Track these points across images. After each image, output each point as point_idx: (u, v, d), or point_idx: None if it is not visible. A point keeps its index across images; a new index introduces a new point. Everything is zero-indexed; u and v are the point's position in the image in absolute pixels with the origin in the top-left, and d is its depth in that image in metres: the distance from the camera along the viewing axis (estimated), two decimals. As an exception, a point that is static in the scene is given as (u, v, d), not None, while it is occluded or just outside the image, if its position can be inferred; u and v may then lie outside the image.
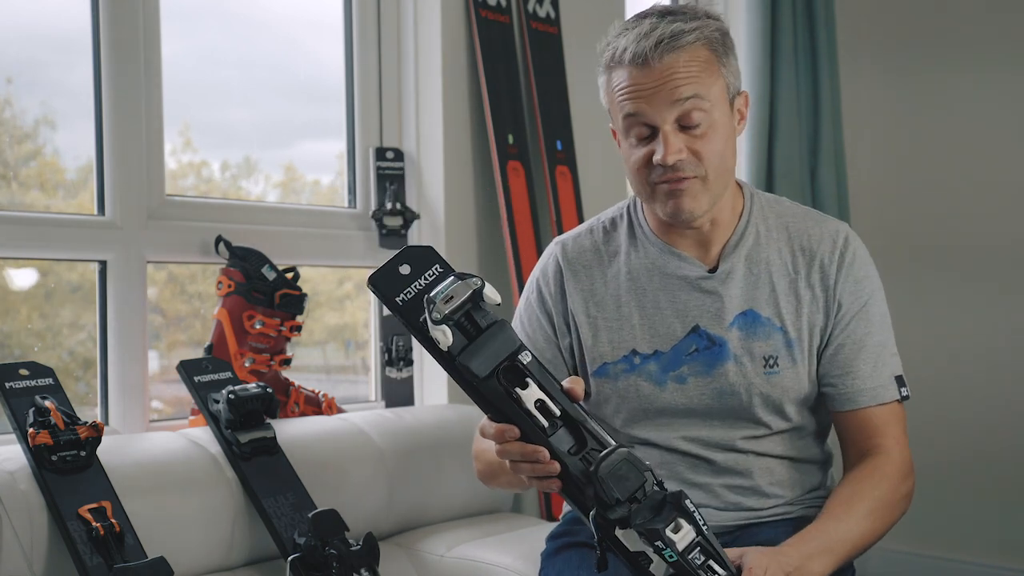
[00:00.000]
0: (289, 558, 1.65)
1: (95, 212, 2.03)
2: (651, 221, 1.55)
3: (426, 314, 1.16)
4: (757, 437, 1.51)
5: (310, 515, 1.67)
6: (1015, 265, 3.24)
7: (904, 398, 1.51)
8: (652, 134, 1.42)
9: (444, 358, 1.18)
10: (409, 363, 2.40)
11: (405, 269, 1.21)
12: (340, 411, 2.20)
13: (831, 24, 3.23)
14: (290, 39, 2.47)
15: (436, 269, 1.21)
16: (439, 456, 2.07)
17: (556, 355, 1.57)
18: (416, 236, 2.43)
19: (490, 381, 1.18)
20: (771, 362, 1.48)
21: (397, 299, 1.19)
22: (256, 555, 1.80)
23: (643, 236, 1.55)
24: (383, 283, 1.20)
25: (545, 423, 1.18)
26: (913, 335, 3.35)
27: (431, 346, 1.17)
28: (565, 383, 1.21)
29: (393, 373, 2.39)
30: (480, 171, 2.49)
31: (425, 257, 1.22)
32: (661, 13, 1.42)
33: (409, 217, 2.39)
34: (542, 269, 1.61)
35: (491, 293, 1.18)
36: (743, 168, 3.02)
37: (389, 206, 2.39)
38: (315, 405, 2.15)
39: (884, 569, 3.43)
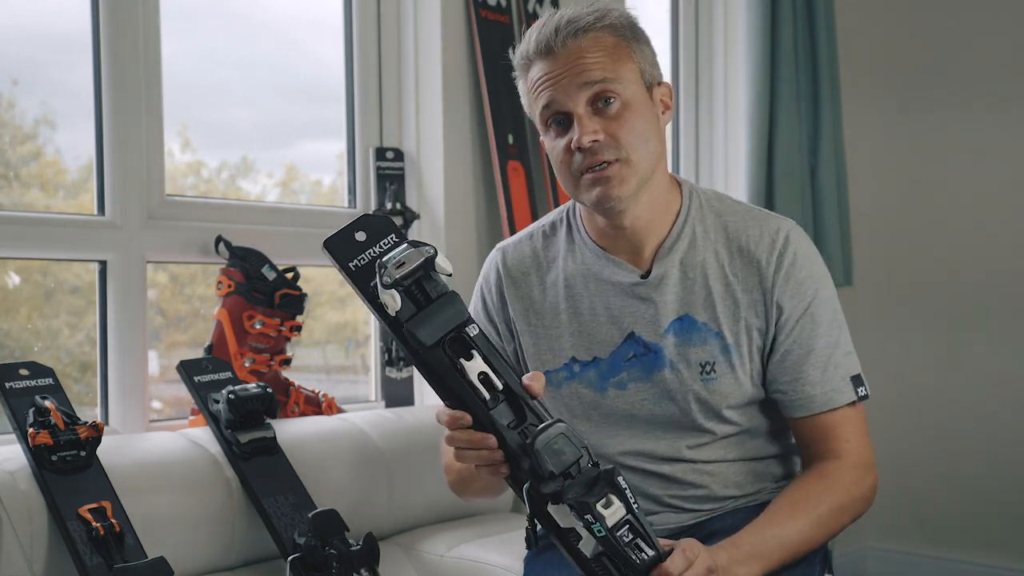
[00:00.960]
0: (289, 558, 1.65)
1: (95, 212, 2.03)
2: (588, 225, 1.53)
3: (377, 279, 1.16)
4: (702, 445, 1.48)
5: (310, 515, 1.67)
6: (1016, 262, 3.24)
7: (862, 398, 1.46)
8: (569, 122, 1.42)
9: (392, 324, 1.19)
10: (409, 363, 2.39)
11: (361, 236, 1.22)
12: (340, 411, 2.20)
13: (831, 23, 3.23)
14: (290, 39, 2.47)
15: (392, 238, 1.22)
16: (439, 456, 2.06)
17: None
18: (416, 236, 2.43)
19: (435, 350, 1.18)
20: (707, 368, 1.45)
21: (351, 264, 1.20)
22: (256, 555, 1.80)
23: (580, 241, 1.54)
24: (337, 248, 1.21)
25: (487, 395, 1.19)
26: (913, 334, 3.36)
27: (380, 311, 1.18)
28: (525, 378, 1.21)
29: (393, 373, 2.39)
30: (480, 171, 2.49)
31: (381, 226, 1.23)
32: (563, 13, 1.45)
33: (409, 217, 2.39)
34: (484, 277, 1.61)
35: (443, 262, 1.19)
36: (743, 168, 3.02)
37: (389, 206, 2.39)
38: (315, 405, 2.15)
39: (884, 569, 3.43)
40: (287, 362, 2.09)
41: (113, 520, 1.54)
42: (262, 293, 2.02)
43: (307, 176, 2.53)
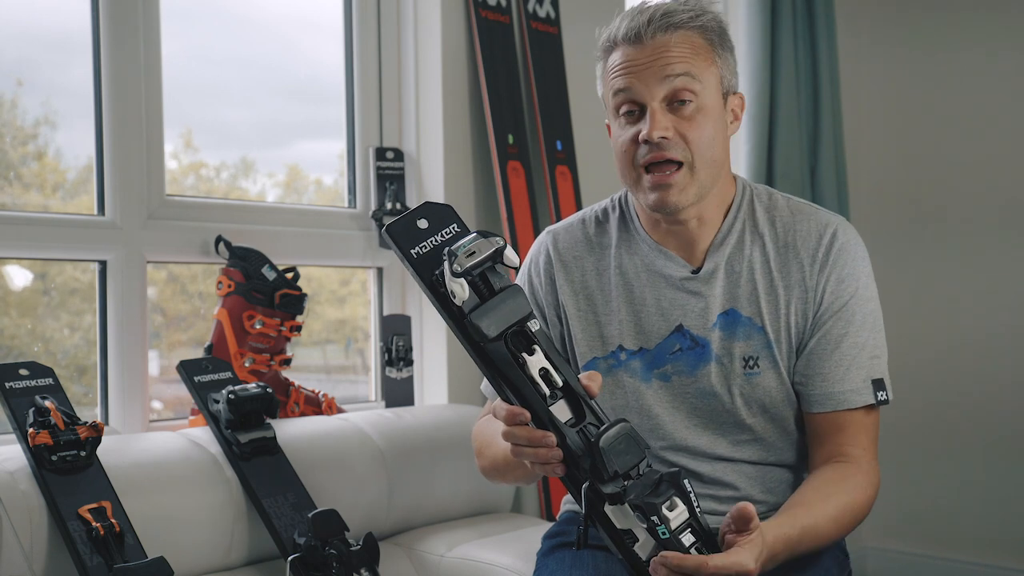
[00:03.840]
0: (289, 558, 1.65)
1: (95, 212, 2.03)
2: (642, 216, 1.54)
3: (445, 266, 1.15)
4: (741, 442, 1.49)
5: (310, 515, 1.67)
6: (1016, 263, 3.24)
7: (881, 402, 1.46)
8: (641, 114, 1.42)
9: (454, 315, 1.17)
10: (409, 363, 2.40)
11: (423, 223, 1.21)
12: (340, 411, 2.20)
13: (831, 23, 3.23)
14: (290, 39, 2.47)
15: (454, 228, 1.22)
16: (439, 456, 2.07)
17: None
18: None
19: (497, 343, 1.17)
20: (751, 363, 1.46)
21: (412, 251, 1.19)
22: (256, 555, 1.80)
23: (634, 230, 1.54)
24: (400, 234, 1.20)
25: (547, 391, 1.18)
26: (913, 329, 3.36)
27: (443, 301, 1.17)
28: (582, 377, 1.20)
29: (393, 373, 2.39)
30: (480, 171, 2.49)
31: (444, 214, 1.22)
32: (660, 4, 1.45)
33: (409, 217, 2.39)
34: (533, 260, 1.60)
35: (511, 255, 1.18)
36: (743, 168, 3.02)
37: (389, 206, 2.39)
38: (315, 405, 2.15)
39: (884, 569, 3.43)
40: (287, 362, 2.09)
41: (113, 520, 1.54)
42: (262, 293, 2.02)
43: (307, 176, 2.53)
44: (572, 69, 2.63)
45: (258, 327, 2.02)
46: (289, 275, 2.08)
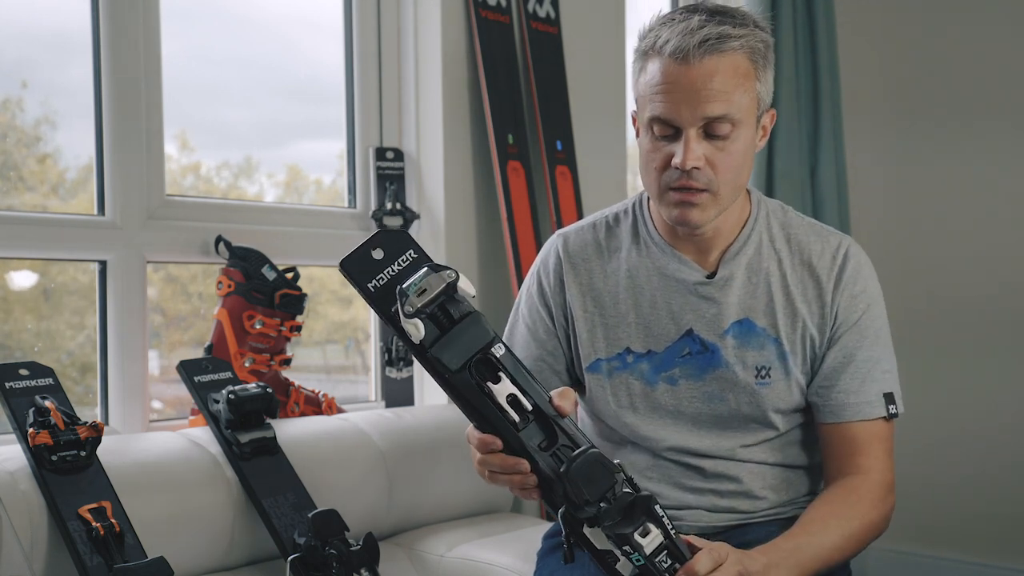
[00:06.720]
0: (289, 558, 1.65)
1: (95, 212, 2.03)
2: (656, 221, 1.55)
3: (398, 306, 1.14)
4: (745, 446, 1.51)
5: (310, 515, 1.67)
6: (1015, 268, 3.24)
7: (892, 415, 1.49)
8: (675, 134, 1.40)
9: (416, 349, 1.16)
10: (409, 363, 2.40)
11: (378, 254, 1.18)
12: (340, 411, 2.20)
13: (831, 23, 3.24)
14: (290, 39, 2.47)
15: (410, 255, 1.19)
16: (439, 456, 2.07)
17: (557, 347, 1.58)
18: (416, 236, 2.43)
19: (462, 374, 1.16)
20: (763, 372, 1.48)
21: (369, 285, 1.17)
22: (256, 555, 1.80)
23: (646, 235, 1.55)
24: (355, 268, 1.17)
25: (516, 418, 1.18)
26: (911, 341, 3.35)
27: (404, 336, 1.16)
28: (554, 396, 1.20)
29: (393, 373, 2.39)
30: (480, 171, 2.49)
31: (399, 242, 1.19)
32: (712, 12, 1.39)
33: (409, 217, 2.39)
34: (543, 261, 1.61)
35: (465, 285, 1.17)
36: (743, 168, 3.02)
37: (389, 206, 2.39)
38: (315, 405, 2.15)
39: (884, 569, 3.43)
40: (287, 362, 2.09)
41: (113, 520, 1.54)
42: (262, 293, 2.02)
43: (307, 176, 2.53)
44: (572, 69, 2.62)
45: (258, 327, 2.02)
46: (289, 275, 2.08)
